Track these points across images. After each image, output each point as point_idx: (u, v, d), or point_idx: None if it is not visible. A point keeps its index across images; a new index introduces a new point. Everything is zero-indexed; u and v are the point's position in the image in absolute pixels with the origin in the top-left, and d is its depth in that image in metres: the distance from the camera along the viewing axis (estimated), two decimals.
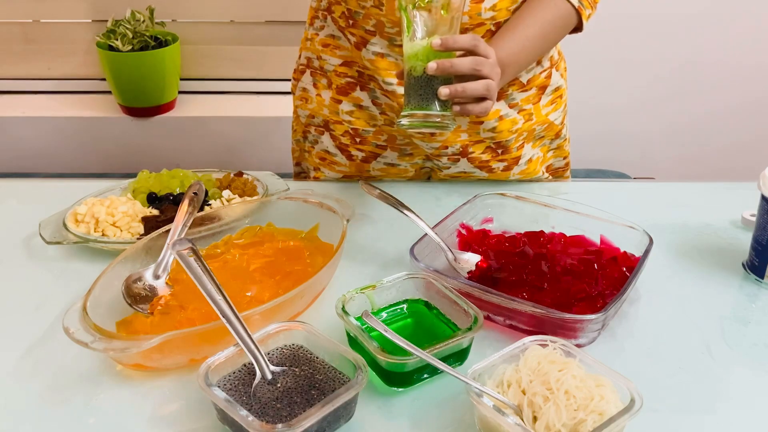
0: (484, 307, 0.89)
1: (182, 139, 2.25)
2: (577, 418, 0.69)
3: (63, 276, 1.03)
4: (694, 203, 1.24)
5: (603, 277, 0.95)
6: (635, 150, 2.47)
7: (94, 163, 2.28)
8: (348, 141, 1.28)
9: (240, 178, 1.22)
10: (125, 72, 2.13)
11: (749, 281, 1.03)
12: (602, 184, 1.66)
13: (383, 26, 1.15)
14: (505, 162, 1.29)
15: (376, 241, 1.12)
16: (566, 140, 1.36)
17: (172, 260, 0.95)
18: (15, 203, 1.24)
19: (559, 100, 1.30)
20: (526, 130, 1.27)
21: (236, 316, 0.77)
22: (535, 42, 1.16)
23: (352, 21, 1.18)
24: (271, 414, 0.73)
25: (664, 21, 2.27)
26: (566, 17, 1.17)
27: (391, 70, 1.19)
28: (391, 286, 0.91)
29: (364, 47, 1.19)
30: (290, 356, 0.81)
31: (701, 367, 0.87)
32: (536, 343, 0.79)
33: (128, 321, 0.88)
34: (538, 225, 1.08)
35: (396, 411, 0.80)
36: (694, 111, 2.42)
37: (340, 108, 1.26)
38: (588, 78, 2.22)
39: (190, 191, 1.03)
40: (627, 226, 1.03)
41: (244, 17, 2.26)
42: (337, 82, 1.26)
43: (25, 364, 0.86)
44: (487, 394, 0.72)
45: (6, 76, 2.32)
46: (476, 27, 1.14)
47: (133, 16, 2.11)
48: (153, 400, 0.81)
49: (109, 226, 1.07)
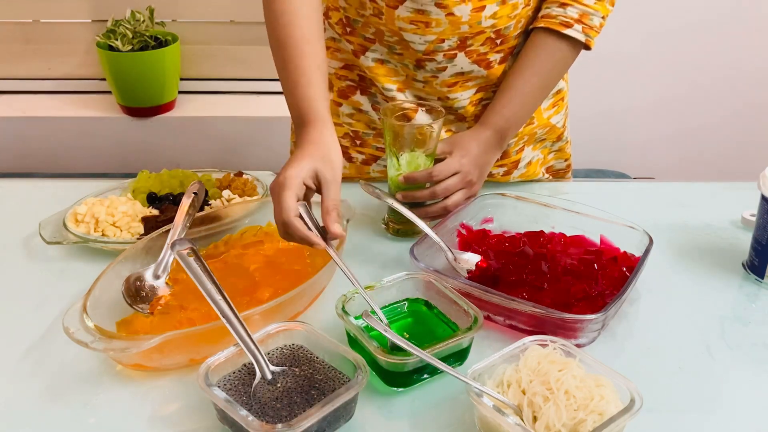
0: (484, 307, 0.89)
1: (182, 139, 2.25)
2: (577, 418, 0.69)
3: (63, 276, 1.03)
4: (694, 203, 1.23)
5: (603, 277, 0.95)
6: (635, 150, 2.47)
7: (94, 163, 2.28)
8: (348, 143, 1.28)
9: (240, 178, 1.22)
10: (125, 72, 2.13)
11: (749, 281, 1.03)
12: (602, 184, 1.66)
13: (383, 35, 1.15)
14: (504, 167, 1.28)
15: (376, 241, 1.12)
16: (568, 143, 1.36)
17: (172, 260, 0.95)
18: (15, 203, 1.24)
19: (560, 103, 1.30)
20: (527, 134, 1.27)
21: (236, 316, 0.77)
22: (535, 95, 1.18)
23: (350, 29, 1.18)
24: (271, 414, 0.73)
25: (664, 22, 2.27)
26: (567, 58, 1.17)
27: (391, 77, 1.19)
28: (391, 286, 0.91)
29: (363, 54, 1.19)
30: (290, 356, 0.81)
31: (701, 367, 0.87)
32: (536, 343, 0.79)
33: (128, 321, 0.88)
34: (538, 225, 1.08)
35: (396, 411, 0.80)
36: (694, 111, 2.42)
37: (341, 110, 1.26)
38: (588, 78, 2.21)
39: (190, 191, 1.03)
40: (627, 226, 1.03)
41: (244, 17, 2.26)
42: (338, 85, 1.25)
43: (25, 364, 0.86)
44: (487, 394, 0.72)
45: (6, 76, 2.32)
46: (476, 35, 1.13)
47: (133, 16, 2.10)
48: (153, 400, 0.81)
49: (109, 226, 1.07)
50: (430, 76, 1.17)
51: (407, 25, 1.11)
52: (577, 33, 1.13)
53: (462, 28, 1.11)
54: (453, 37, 1.12)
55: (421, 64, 1.16)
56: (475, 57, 1.16)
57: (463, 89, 1.19)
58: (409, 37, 1.13)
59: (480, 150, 1.13)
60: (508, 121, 1.16)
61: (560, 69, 1.19)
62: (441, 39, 1.12)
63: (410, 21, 1.11)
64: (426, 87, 1.19)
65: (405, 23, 1.11)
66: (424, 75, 1.17)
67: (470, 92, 1.20)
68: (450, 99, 1.20)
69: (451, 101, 1.20)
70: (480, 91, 1.21)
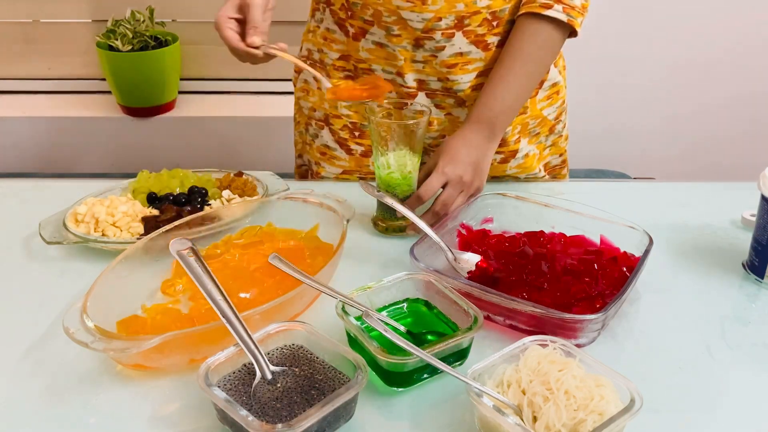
0: (484, 307, 0.89)
1: (182, 139, 2.25)
2: (577, 418, 0.69)
3: (63, 276, 1.03)
4: (694, 203, 1.24)
5: (603, 277, 0.95)
6: (635, 150, 2.47)
7: (94, 163, 2.28)
8: (347, 135, 1.28)
9: (240, 178, 1.22)
10: (125, 72, 2.13)
11: (749, 281, 1.03)
12: (602, 184, 1.66)
13: (381, 15, 1.16)
14: (502, 154, 1.29)
15: (376, 241, 1.12)
16: (561, 137, 1.36)
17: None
18: (15, 203, 1.24)
19: (555, 95, 1.30)
20: (519, 123, 1.28)
21: (236, 316, 0.77)
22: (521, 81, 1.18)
23: (350, 12, 1.19)
24: (271, 414, 0.73)
25: (664, 20, 2.27)
26: (552, 40, 1.17)
27: (390, 60, 1.20)
28: (391, 286, 0.91)
29: (363, 37, 1.20)
30: (290, 356, 0.81)
31: (701, 367, 0.87)
32: (536, 343, 0.79)
33: (128, 321, 0.88)
34: (538, 225, 1.08)
35: (396, 411, 0.80)
36: (694, 111, 2.42)
37: (339, 102, 1.27)
38: (588, 78, 2.22)
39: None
40: (627, 226, 1.03)
41: None
42: (336, 76, 1.26)
43: (25, 364, 0.86)
44: (487, 394, 0.72)
45: (6, 76, 2.32)
46: (473, 15, 1.15)
47: (133, 16, 2.11)
48: (153, 400, 0.81)
49: (109, 226, 1.07)
50: (429, 56, 1.19)
51: (404, 2, 1.14)
52: (558, 13, 1.14)
53: (458, 6, 1.14)
54: (450, 15, 1.14)
55: (419, 43, 1.17)
56: (472, 38, 1.17)
57: (464, 72, 1.20)
58: (406, 15, 1.15)
59: (468, 150, 1.13)
60: (495, 111, 1.16)
61: (546, 52, 1.19)
62: (438, 17, 1.14)
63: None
64: (426, 67, 1.20)
65: (402, 1, 1.14)
66: (423, 54, 1.19)
67: (470, 76, 1.21)
68: (450, 80, 1.21)
69: (451, 83, 1.21)
70: (480, 76, 1.22)
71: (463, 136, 1.15)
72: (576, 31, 1.17)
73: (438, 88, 1.22)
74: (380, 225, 1.14)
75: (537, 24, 1.15)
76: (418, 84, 1.22)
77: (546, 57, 1.20)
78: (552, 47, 1.19)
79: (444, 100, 1.24)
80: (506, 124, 1.19)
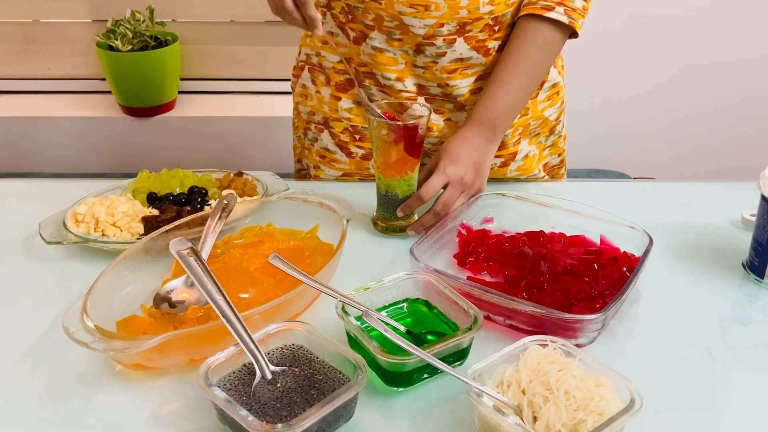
0: (484, 307, 0.89)
1: (182, 139, 2.25)
2: (577, 418, 0.69)
3: (63, 276, 1.03)
4: (694, 203, 1.23)
5: (603, 277, 0.95)
6: (635, 150, 2.47)
7: (94, 163, 2.28)
8: (347, 138, 1.28)
9: (240, 178, 1.22)
10: (125, 72, 2.13)
11: (749, 281, 1.03)
12: (602, 184, 1.66)
13: (382, 20, 1.16)
14: (501, 158, 1.29)
15: (376, 241, 1.12)
16: (561, 137, 1.37)
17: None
18: (15, 203, 1.24)
19: (555, 96, 1.31)
20: (521, 125, 1.27)
21: (236, 316, 0.77)
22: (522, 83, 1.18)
23: (351, 16, 1.19)
24: (271, 414, 0.73)
25: (664, 20, 2.27)
26: (552, 42, 1.18)
27: (390, 65, 1.19)
28: (391, 286, 0.91)
29: (363, 41, 1.19)
30: (290, 356, 0.81)
31: (701, 367, 0.87)
32: (536, 343, 0.79)
33: (128, 321, 0.88)
34: (538, 225, 1.08)
35: (396, 411, 0.80)
36: (694, 111, 2.42)
37: (339, 105, 1.27)
38: (588, 78, 2.22)
39: (221, 203, 1.01)
40: (627, 226, 1.03)
41: (244, 17, 2.27)
42: (336, 79, 1.26)
43: (25, 364, 0.86)
44: (487, 394, 0.72)
45: (6, 76, 2.32)
46: (475, 21, 1.15)
47: (133, 16, 2.11)
48: (153, 400, 0.81)
49: (109, 226, 1.07)
50: (430, 62, 1.18)
51: (406, 8, 1.13)
52: (559, 15, 1.14)
53: (461, 12, 1.13)
54: (452, 21, 1.14)
55: (420, 48, 1.17)
56: (473, 43, 1.17)
57: (463, 77, 1.20)
58: (408, 20, 1.14)
59: (468, 151, 1.13)
60: (496, 112, 1.16)
61: (546, 54, 1.19)
62: (440, 23, 1.14)
63: (410, 5, 1.13)
64: (426, 73, 1.20)
65: (404, 7, 1.13)
66: (423, 60, 1.19)
67: (469, 80, 1.21)
68: (449, 86, 1.21)
69: (450, 88, 1.21)
70: (479, 80, 1.22)
71: (464, 137, 1.15)
72: (576, 33, 1.17)
73: (437, 93, 1.22)
74: (380, 225, 1.14)
75: (538, 25, 1.15)
76: (417, 89, 1.22)
77: (546, 58, 1.20)
78: (553, 49, 1.19)
79: (443, 105, 1.24)
80: (507, 125, 1.19)
